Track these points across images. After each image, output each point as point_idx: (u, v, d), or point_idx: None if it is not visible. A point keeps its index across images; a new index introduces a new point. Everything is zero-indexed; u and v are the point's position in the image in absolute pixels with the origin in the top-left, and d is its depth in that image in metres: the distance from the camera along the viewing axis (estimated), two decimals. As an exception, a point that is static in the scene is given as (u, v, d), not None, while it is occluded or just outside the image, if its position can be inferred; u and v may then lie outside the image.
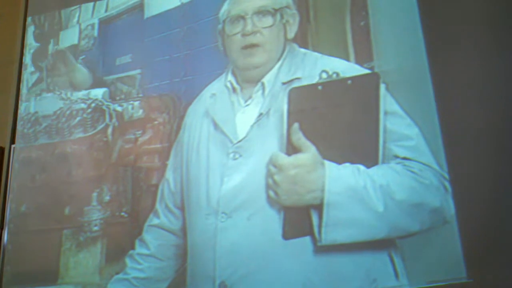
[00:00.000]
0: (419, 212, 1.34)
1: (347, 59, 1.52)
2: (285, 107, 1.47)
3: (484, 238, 1.28)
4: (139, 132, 1.82)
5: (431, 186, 1.35)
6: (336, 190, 1.35)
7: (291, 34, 1.59)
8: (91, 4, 2.08)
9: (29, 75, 2.14)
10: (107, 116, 1.90)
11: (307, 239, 1.39)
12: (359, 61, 1.50)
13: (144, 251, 1.66)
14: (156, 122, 1.80)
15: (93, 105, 1.94)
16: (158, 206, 1.68)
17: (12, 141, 2.07)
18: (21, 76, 2.14)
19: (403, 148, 1.38)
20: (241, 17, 1.61)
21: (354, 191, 1.35)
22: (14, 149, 2.04)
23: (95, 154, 1.89)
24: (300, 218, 1.39)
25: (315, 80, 1.49)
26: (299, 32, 1.60)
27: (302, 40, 1.59)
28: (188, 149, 1.65)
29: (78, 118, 1.96)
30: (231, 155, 1.54)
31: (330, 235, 1.35)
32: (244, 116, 1.57)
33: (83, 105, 1.96)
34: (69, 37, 2.11)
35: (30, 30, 2.19)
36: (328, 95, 1.45)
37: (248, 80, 1.60)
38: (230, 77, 1.64)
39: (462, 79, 1.39)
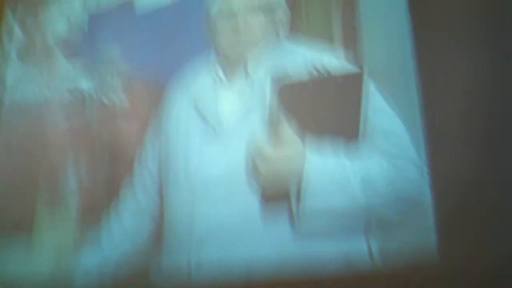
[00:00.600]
0: (400, 205, 1.39)
1: (337, 57, 1.56)
2: (272, 102, 1.50)
3: (458, 223, 1.34)
4: (124, 122, 1.81)
5: (413, 180, 1.40)
6: (318, 181, 1.39)
7: (283, 32, 1.63)
8: (81, -4, 2.09)
9: (13, 66, 2.12)
10: (92, 108, 1.90)
11: (286, 225, 1.42)
12: (349, 59, 1.54)
13: (119, 225, 1.67)
14: (141, 113, 1.80)
15: (78, 96, 1.94)
16: (137, 189, 1.69)
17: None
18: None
19: (388, 144, 1.42)
20: (233, 14, 1.64)
21: (336, 183, 1.38)
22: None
23: (77, 145, 1.88)
24: (279, 207, 1.43)
25: (304, 77, 1.52)
26: (290, 29, 1.63)
27: (293, 37, 1.63)
28: (170, 138, 1.67)
29: (62, 109, 1.95)
30: (215, 145, 1.56)
31: (309, 223, 1.39)
32: (231, 109, 1.59)
33: (68, 97, 1.96)
34: (57, 30, 2.10)
35: (13, 21, 2.18)
36: (317, 92, 1.48)
37: (237, 74, 1.63)
38: (218, 70, 1.67)
39: (447, 76, 1.44)
